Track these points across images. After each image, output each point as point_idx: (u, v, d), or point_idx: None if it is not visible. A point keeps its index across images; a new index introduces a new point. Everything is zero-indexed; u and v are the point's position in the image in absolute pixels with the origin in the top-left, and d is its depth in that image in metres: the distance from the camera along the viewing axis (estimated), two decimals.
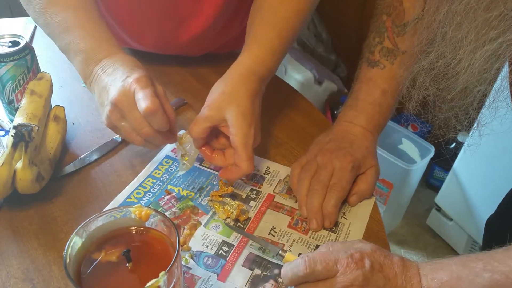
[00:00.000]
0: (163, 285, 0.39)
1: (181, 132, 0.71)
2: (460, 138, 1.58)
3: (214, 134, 0.65)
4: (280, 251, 0.53)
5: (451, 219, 1.59)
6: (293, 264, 0.48)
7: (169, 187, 0.66)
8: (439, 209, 1.63)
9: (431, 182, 1.83)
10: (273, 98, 0.84)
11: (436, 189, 1.67)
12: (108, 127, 0.61)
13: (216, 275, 0.54)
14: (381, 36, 0.70)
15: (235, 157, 0.61)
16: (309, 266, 0.47)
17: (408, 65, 0.61)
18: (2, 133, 0.74)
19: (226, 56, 0.90)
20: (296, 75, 1.92)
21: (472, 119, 0.54)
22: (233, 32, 0.91)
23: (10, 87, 0.71)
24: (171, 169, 0.69)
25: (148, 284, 0.38)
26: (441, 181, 1.61)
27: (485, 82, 0.49)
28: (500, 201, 0.82)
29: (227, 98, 0.61)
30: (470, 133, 0.58)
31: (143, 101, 0.55)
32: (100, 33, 0.66)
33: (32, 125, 0.59)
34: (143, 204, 0.62)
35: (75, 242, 0.42)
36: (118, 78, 0.59)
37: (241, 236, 0.59)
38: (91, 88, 0.64)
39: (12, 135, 0.58)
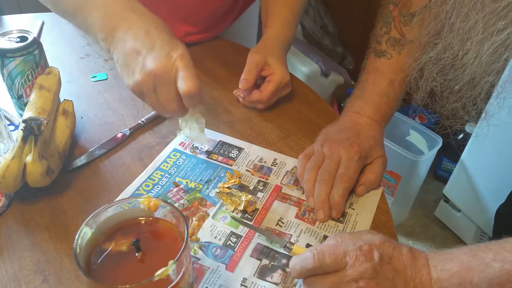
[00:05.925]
0: (172, 274, 0.39)
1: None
2: (468, 129, 1.57)
3: None
4: (287, 243, 0.54)
5: (459, 210, 1.59)
6: (301, 257, 0.48)
7: (177, 179, 0.66)
8: (447, 201, 1.63)
9: (439, 173, 1.82)
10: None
11: (444, 180, 1.66)
12: (133, 91, 0.59)
13: (225, 265, 0.55)
14: (388, 26, 0.70)
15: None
16: (317, 259, 0.47)
17: (415, 55, 0.60)
18: (12, 127, 0.75)
19: (222, 45, 0.99)
20: (302, 68, 1.91)
21: (480, 109, 0.54)
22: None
23: (19, 82, 0.72)
24: (179, 162, 0.69)
25: (157, 273, 0.38)
26: (449, 173, 1.60)
27: (493, 72, 0.48)
28: (510, 190, 0.82)
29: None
30: (478, 124, 0.58)
31: (186, 80, 0.55)
32: None
33: (41, 119, 0.59)
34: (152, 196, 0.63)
35: (85, 232, 0.43)
36: (158, 48, 0.56)
37: None
38: (113, 46, 0.58)
39: (21, 129, 0.58)
